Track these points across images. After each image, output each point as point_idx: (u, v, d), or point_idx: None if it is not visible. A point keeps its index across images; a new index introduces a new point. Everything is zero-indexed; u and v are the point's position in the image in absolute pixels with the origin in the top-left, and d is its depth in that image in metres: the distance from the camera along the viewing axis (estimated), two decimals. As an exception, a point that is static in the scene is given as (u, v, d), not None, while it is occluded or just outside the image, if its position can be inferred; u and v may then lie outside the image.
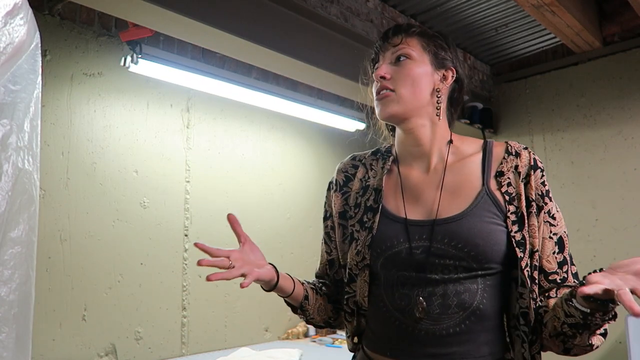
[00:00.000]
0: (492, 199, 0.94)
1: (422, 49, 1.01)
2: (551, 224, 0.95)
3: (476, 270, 0.90)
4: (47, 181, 1.88)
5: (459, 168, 1.00)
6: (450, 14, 2.66)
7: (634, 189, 2.73)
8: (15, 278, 0.90)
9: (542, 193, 0.95)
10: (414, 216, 0.97)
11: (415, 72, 0.98)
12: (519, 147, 1.00)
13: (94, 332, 1.96)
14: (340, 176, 1.12)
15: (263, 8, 1.88)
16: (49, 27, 1.91)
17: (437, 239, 0.92)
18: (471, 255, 0.89)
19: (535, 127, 3.14)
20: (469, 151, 1.02)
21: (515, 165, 0.97)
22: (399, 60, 1.00)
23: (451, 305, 0.89)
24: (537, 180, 0.96)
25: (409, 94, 0.98)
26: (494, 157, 0.99)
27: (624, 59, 2.84)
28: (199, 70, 2.18)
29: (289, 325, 2.73)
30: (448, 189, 0.97)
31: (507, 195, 0.94)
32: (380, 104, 1.00)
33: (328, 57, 2.10)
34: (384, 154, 1.10)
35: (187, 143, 2.38)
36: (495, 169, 0.98)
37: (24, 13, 0.91)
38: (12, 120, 0.92)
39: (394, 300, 0.94)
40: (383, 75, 0.99)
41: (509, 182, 0.95)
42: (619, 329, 2.70)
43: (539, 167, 0.97)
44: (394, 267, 0.95)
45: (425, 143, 1.02)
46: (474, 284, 0.90)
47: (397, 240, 0.95)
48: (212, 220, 2.41)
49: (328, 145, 3.08)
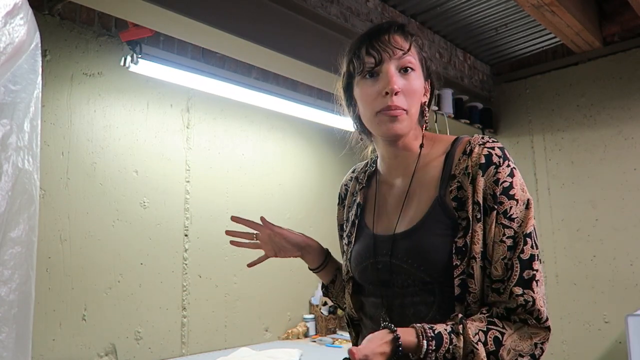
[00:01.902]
0: (443, 207, 0.88)
1: (418, 57, 0.94)
2: (505, 226, 0.83)
3: (431, 283, 0.87)
4: (47, 181, 1.88)
5: (422, 175, 0.95)
6: (450, 14, 2.66)
7: (634, 189, 2.73)
8: (15, 278, 0.90)
9: (494, 192, 0.84)
10: (380, 230, 0.97)
11: (418, 86, 0.92)
12: (475, 142, 0.90)
13: (94, 332, 1.96)
14: (342, 190, 1.16)
15: (263, 8, 1.88)
16: (49, 27, 1.91)
17: (396, 255, 0.91)
18: (421, 269, 0.87)
19: (535, 127, 3.14)
20: (435, 154, 0.95)
21: (466, 165, 0.88)
22: (406, 71, 0.90)
23: (408, 314, 0.89)
24: (489, 179, 0.85)
25: (415, 112, 0.92)
26: (455, 158, 0.91)
27: (624, 59, 2.84)
28: (199, 70, 2.17)
29: (289, 325, 2.73)
30: (412, 199, 0.94)
31: (456, 200, 0.87)
32: (389, 121, 0.90)
33: (328, 57, 2.10)
34: (371, 165, 1.10)
35: (187, 143, 2.38)
36: (451, 172, 0.91)
37: (24, 13, 0.91)
38: (12, 120, 0.92)
39: (369, 309, 0.98)
40: (398, 91, 0.88)
41: (459, 185, 0.88)
42: (619, 329, 2.71)
43: (493, 163, 0.86)
44: (366, 280, 0.98)
45: (401, 154, 0.97)
46: (431, 296, 0.87)
47: (366, 255, 0.97)
48: (212, 220, 2.41)
49: (328, 145, 3.08)
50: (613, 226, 2.78)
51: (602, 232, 2.81)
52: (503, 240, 0.83)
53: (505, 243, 0.83)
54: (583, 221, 2.85)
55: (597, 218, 2.84)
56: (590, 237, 2.84)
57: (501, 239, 0.83)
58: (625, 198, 2.76)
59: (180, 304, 2.26)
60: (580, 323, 2.81)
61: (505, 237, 0.83)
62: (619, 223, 2.76)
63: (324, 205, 2.95)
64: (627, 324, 1.99)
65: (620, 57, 2.85)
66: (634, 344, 1.97)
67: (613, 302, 2.69)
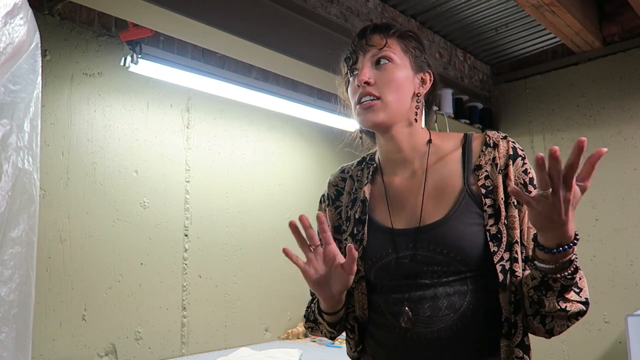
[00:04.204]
0: (473, 197, 0.92)
1: (402, 51, 0.98)
2: None
3: (465, 272, 0.90)
4: (47, 181, 1.88)
5: (440, 168, 0.98)
6: (450, 14, 2.66)
7: (634, 189, 2.73)
8: (15, 278, 0.90)
9: (524, 181, 0.92)
10: (399, 225, 0.97)
11: (399, 76, 0.95)
12: (497, 137, 0.96)
13: (94, 332, 1.96)
14: (332, 190, 1.13)
15: (263, 8, 1.88)
16: (49, 27, 1.91)
17: (423, 246, 0.92)
18: (457, 259, 0.89)
19: (535, 127, 3.14)
20: (449, 148, 1.00)
21: (493, 157, 0.94)
22: (379, 64, 0.96)
23: (441, 307, 0.89)
24: (518, 169, 0.93)
25: (394, 101, 0.94)
26: (473, 151, 0.97)
27: (624, 59, 2.84)
28: (199, 70, 2.17)
29: (289, 325, 2.73)
30: (431, 193, 0.96)
31: (484, 188, 0.92)
32: (364, 112, 0.95)
33: (328, 57, 2.10)
34: (368, 163, 1.09)
35: (187, 143, 2.38)
36: (473, 164, 0.95)
37: (24, 13, 0.91)
38: (12, 120, 0.92)
39: (389, 306, 0.95)
40: (367, 81, 0.94)
41: (487, 174, 0.93)
42: (619, 329, 2.71)
43: (520, 155, 0.94)
44: (387, 277, 0.96)
45: (406, 148, 1.00)
46: (464, 285, 0.90)
47: (386, 251, 0.96)
48: (212, 220, 2.41)
49: (328, 145, 3.08)
50: (613, 226, 2.78)
51: (602, 232, 2.81)
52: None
53: None
54: (583, 221, 2.85)
55: (597, 218, 2.84)
56: (590, 237, 2.84)
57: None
58: (625, 198, 2.76)
59: (180, 304, 2.26)
60: (580, 323, 2.78)
61: None
62: (619, 223, 2.76)
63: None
64: (627, 324, 1.99)
65: (620, 57, 2.85)
66: (634, 344, 1.97)
67: (613, 302, 2.69)
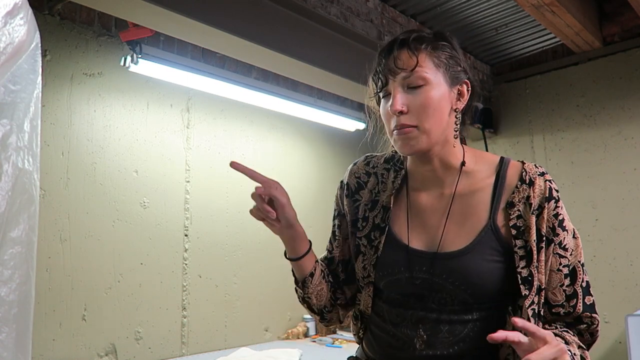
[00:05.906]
0: (496, 234, 0.90)
1: (435, 66, 0.91)
2: (561, 256, 0.90)
3: (472, 304, 0.90)
4: (47, 181, 1.88)
5: (469, 196, 0.95)
6: (450, 14, 2.66)
7: (634, 189, 2.73)
8: (15, 278, 0.89)
9: (553, 225, 0.90)
10: (416, 245, 0.96)
11: (435, 98, 0.89)
12: (534, 173, 0.93)
13: (94, 332, 1.96)
14: (353, 180, 1.08)
15: (263, 8, 1.88)
16: (49, 27, 1.91)
17: (439, 274, 0.91)
18: (468, 292, 0.89)
19: (535, 127, 3.14)
20: (481, 175, 0.96)
21: (527, 195, 0.91)
22: (413, 88, 0.89)
23: (442, 330, 0.90)
24: (550, 212, 0.90)
25: (432, 127, 0.89)
26: (507, 183, 0.93)
27: (624, 59, 2.84)
28: (199, 70, 2.17)
29: (289, 325, 2.73)
30: (454, 219, 0.94)
31: (515, 229, 0.89)
32: (401, 140, 0.90)
33: (328, 57, 2.10)
34: (396, 165, 1.05)
35: (187, 143, 2.38)
36: (505, 200, 0.92)
37: (24, 13, 0.91)
38: (12, 120, 0.91)
39: (392, 316, 0.96)
40: (401, 110, 0.89)
41: (519, 214, 0.90)
42: (619, 329, 2.71)
43: (554, 198, 0.91)
44: (395, 290, 0.97)
45: (438, 167, 0.96)
46: (469, 314, 0.90)
47: (398, 268, 0.95)
48: (212, 220, 2.41)
49: (328, 145, 3.08)
50: (613, 226, 2.78)
51: (602, 232, 2.81)
52: (560, 269, 0.91)
53: (562, 271, 0.91)
54: (583, 221, 2.85)
55: (597, 218, 2.84)
56: (590, 237, 2.84)
57: (558, 268, 0.91)
58: (625, 198, 2.76)
59: (180, 304, 2.26)
60: (580, 323, 2.80)
61: (562, 266, 0.91)
62: (619, 223, 2.76)
63: (323, 205, 2.94)
64: (627, 324, 1.99)
65: (620, 57, 2.85)
66: (634, 344, 1.97)
67: (613, 302, 2.68)
